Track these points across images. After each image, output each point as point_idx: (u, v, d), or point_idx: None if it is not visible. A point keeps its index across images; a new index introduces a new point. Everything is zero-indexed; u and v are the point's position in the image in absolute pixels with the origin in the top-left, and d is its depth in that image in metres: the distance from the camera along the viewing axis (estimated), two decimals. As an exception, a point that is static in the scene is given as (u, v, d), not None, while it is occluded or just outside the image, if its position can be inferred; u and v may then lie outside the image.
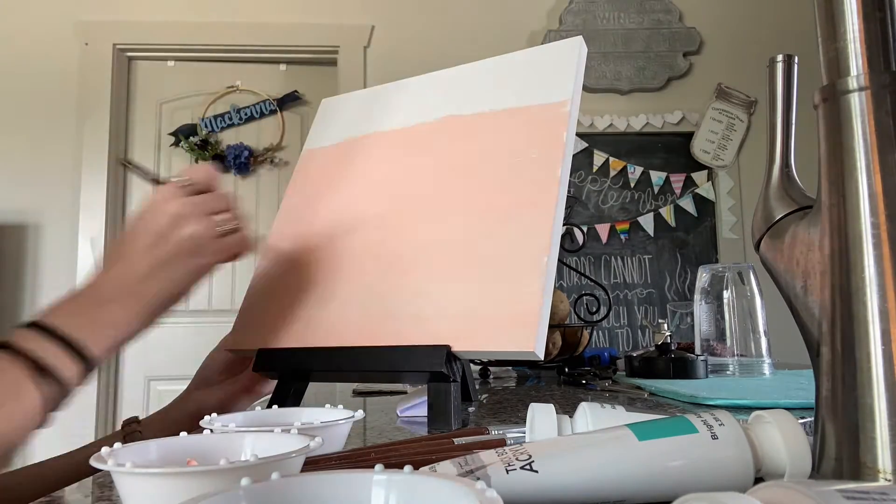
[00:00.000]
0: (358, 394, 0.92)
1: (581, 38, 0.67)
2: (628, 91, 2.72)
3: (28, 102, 2.55)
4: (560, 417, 0.39)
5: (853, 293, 0.30)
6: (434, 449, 0.39)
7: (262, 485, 0.23)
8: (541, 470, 0.29)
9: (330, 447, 0.41)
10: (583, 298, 1.27)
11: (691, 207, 2.68)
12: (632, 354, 1.01)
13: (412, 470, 0.24)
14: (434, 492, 0.23)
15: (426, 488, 0.23)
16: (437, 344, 0.56)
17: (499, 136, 0.65)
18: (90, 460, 0.29)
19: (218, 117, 2.71)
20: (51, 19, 2.59)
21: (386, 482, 0.24)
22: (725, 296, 1.04)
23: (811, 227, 0.34)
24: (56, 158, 2.53)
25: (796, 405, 0.62)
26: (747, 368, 0.99)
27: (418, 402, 0.64)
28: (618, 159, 2.69)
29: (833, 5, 0.32)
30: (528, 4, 2.75)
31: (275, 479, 0.23)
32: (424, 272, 0.61)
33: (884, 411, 0.28)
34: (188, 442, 0.36)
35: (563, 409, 0.52)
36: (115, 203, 2.58)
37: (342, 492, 0.24)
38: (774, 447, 0.31)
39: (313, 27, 2.68)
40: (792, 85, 0.39)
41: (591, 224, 2.64)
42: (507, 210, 0.60)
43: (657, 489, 0.30)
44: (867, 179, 0.30)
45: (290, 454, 0.29)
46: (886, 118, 0.30)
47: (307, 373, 0.66)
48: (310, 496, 0.23)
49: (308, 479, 0.24)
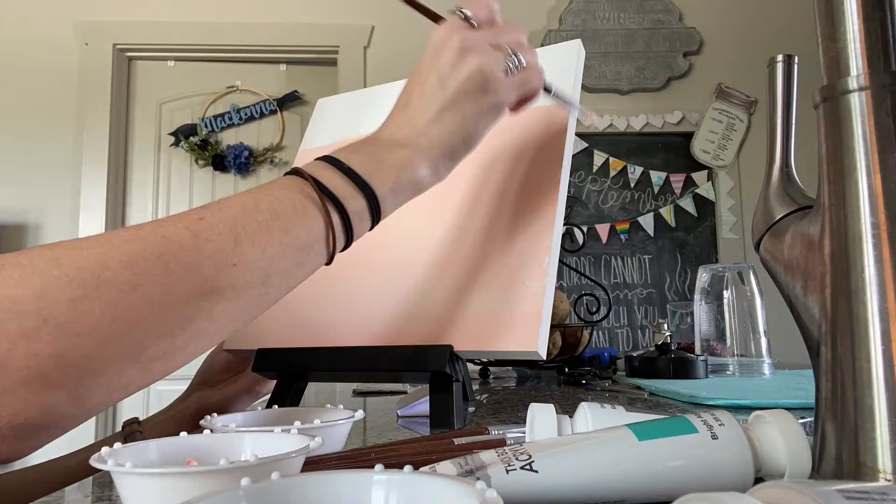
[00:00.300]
0: (358, 394, 0.92)
1: (579, 40, 0.67)
2: (628, 91, 2.72)
3: (28, 102, 2.55)
4: (560, 417, 0.39)
5: (853, 293, 0.30)
6: (434, 449, 0.39)
7: (262, 485, 0.23)
8: (541, 470, 0.29)
9: (330, 447, 0.41)
10: (583, 298, 1.27)
11: (691, 207, 2.68)
12: (632, 354, 1.01)
13: (412, 470, 0.24)
14: (434, 492, 0.23)
15: (426, 488, 0.23)
16: (440, 344, 0.56)
17: (498, 138, 0.65)
18: (90, 460, 0.29)
19: (218, 117, 2.71)
20: (51, 19, 2.60)
21: (386, 482, 0.24)
22: (725, 296, 1.04)
23: (811, 227, 0.34)
24: (56, 158, 2.53)
25: (796, 405, 0.62)
26: (747, 368, 0.99)
27: (418, 402, 0.64)
28: (618, 159, 2.69)
29: (833, 5, 0.32)
30: (528, 4, 2.75)
31: (275, 479, 0.23)
32: (425, 272, 0.61)
33: (884, 411, 0.28)
34: (188, 442, 0.36)
35: (563, 409, 0.52)
36: (115, 203, 2.58)
37: (342, 492, 0.24)
38: (774, 447, 0.31)
39: (313, 27, 2.68)
40: (792, 85, 0.39)
41: (591, 224, 2.65)
42: (507, 211, 0.60)
43: (657, 489, 0.30)
44: (867, 179, 0.30)
45: (290, 454, 0.29)
46: (886, 118, 0.30)
47: (307, 372, 0.66)
48: (310, 496, 0.23)
49: (308, 479, 0.24)
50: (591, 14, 2.75)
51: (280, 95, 2.74)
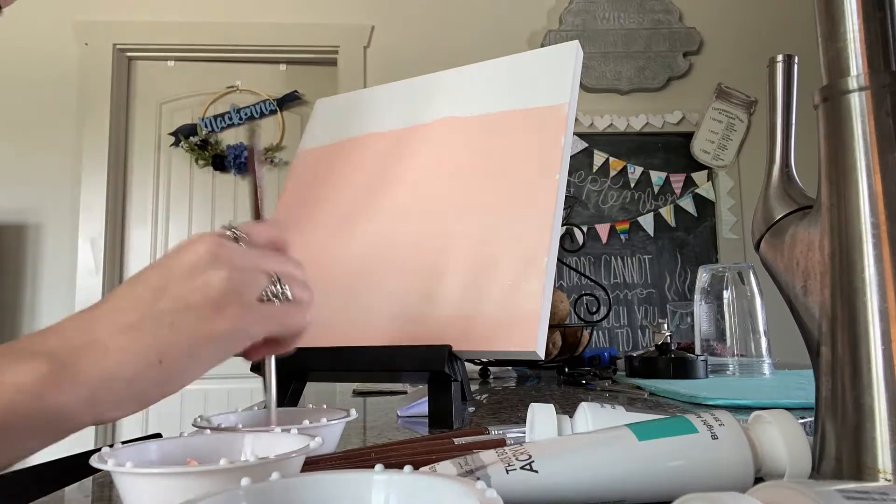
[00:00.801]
0: (358, 394, 0.92)
1: (577, 41, 0.67)
2: (628, 91, 2.72)
3: (28, 102, 2.55)
4: (560, 417, 0.39)
5: (853, 293, 0.30)
6: (434, 449, 0.39)
7: (262, 485, 0.23)
8: (541, 470, 0.29)
9: (324, 448, 0.41)
10: (583, 298, 1.27)
11: (691, 207, 2.68)
12: (632, 354, 1.01)
13: (412, 470, 0.24)
14: (434, 492, 0.23)
15: (426, 488, 0.23)
16: (439, 344, 0.56)
17: (496, 139, 0.65)
18: (90, 460, 0.29)
19: (218, 117, 2.71)
20: (51, 19, 2.60)
21: (386, 482, 0.24)
22: (725, 296, 1.04)
23: (811, 227, 0.34)
24: (56, 158, 2.53)
25: (796, 405, 0.62)
26: (747, 368, 0.99)
27: (418, 402, 0.64)
28: (618, 159, 2.69)
29: (833, 5, 0.32)
30: (528, 4, 2.75)
31: (275, 480, 0.23)
32: (424, 273, 0.61)
33: (884, 411, 0.28)
34: (188, 442, 0.36)
35: (563, 409, 0.52)
36: (115, 203, 2.58)
37: (342, 492, 0.24)
38: (774, 447, 0.31)
39: (313, 27, 2.68)
40: (792, 85, 0.39)
41: (591, 224, 2.64)
42: (506, 211, 0.60)
43: (657, 489, 0.30)
44: (867, 179, 0.30)
45: (291, 454, 0.29)
46: (886, 118, 0.30)
47: (307, 372, 0.66)
48: (310, 496, 0.23)
49: (308, 479, 0.24)
50: (591, 14, 2.75)
51: (280, 95, 2.74)
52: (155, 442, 0.34)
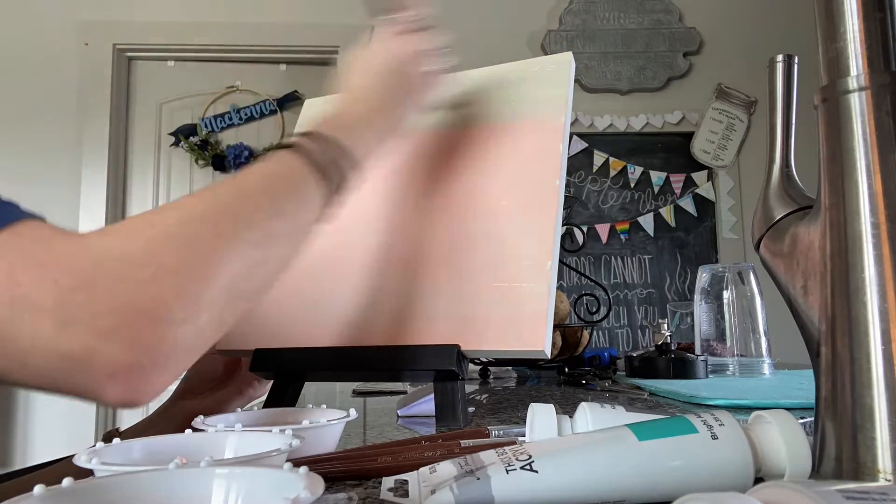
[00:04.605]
0: (358, 394, 0.92)
1: (570, 53, 0.69)
2: (628, 91, 2.72)
3: (28, 102, 2.55)
4: (560, 417, 0.39)
5: (853, 293, 0.30)
6: (434, 449, 0.39)
7: (56, 488, 0.24)
8: (541, 470, 0.29)
9: (323, 448, 0.41)
10: (583, 298, 1.27)
11: (691, 207, 2.68)
12: (632, 354, 1.01)
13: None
14: (258, 480, 0.25)
15: (250, 477, 0.25)
16: (447, 343, 0.58)
17: (494, 147, 0.66)
18: (73, 459, 0.30)
19: (218, 117, 2.71)
20: (51, 19, 2.60)
21: (197, 475, 0.26)
22: (725, 296, 1.04)
23: (811, 228, 0.34)
24: (56, 158, 2.53)
25: (796, 405, 0.62)
26: (747, 368, 0.99)
27: (418, 402, 0.64)
28: (618, 159, 2.69)
29: (833, 5, 0.32)
30: (528, 5, 2.75)
31: (65, 486, 0.24)
32: (431, 274, 0.62)
33: (884, 411, 0.28)
34: (172, 441, 0.36)
35: (563, 409, 0.52)
36: (115, 203, 2.58)
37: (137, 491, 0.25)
38: (774, 447, 0.31)
39: (313, 27, 2.68)
40: (792, 85, 0.39)
41: (591, 224, 2.64)
42: (509, 216, 0.61)
43: (657, 489, 0.30)
44: (867, 179, 0.30)
45: (271, 453, 0.30)
46: (886, 118, 0.30)
47: (308, 373, 0.66)
48: (114, 497, 0.25)
49: (108, 481, 0.25)
50: (590, 14, 2.75)
51: (280, 95, 2.74)
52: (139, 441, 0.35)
